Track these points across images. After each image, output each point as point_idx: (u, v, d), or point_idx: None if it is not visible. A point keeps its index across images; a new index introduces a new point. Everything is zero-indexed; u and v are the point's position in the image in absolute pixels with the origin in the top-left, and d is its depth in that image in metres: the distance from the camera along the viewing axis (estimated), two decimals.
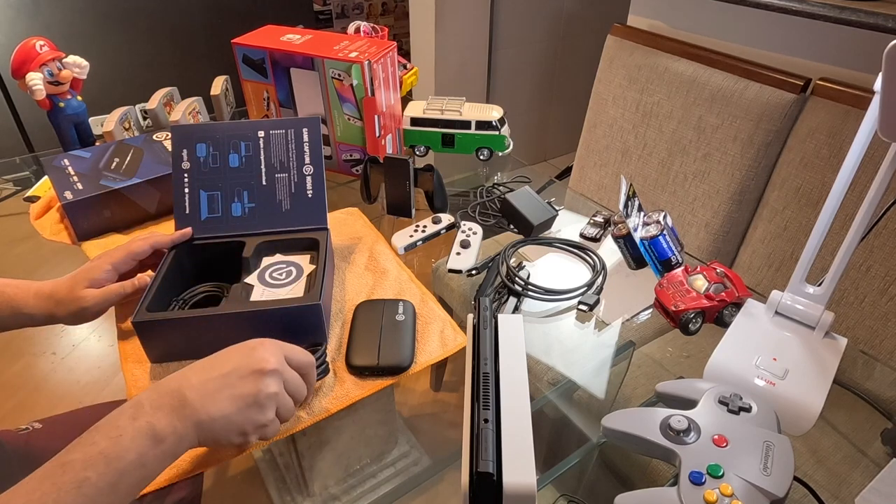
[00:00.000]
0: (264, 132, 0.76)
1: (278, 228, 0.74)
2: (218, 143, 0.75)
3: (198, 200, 0.74)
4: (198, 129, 0.76)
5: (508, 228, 0.92)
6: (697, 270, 0.74)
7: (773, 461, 0.49)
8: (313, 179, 0.76)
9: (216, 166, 0.75)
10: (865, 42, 1.07)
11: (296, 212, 0.75)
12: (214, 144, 0.75)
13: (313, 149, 0.77)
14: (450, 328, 0.71)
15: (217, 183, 0.75)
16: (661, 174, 1.31)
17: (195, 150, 0.75)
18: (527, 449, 0.46)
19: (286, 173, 0.76)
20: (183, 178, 0.74)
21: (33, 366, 0.71)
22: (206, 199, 0.74)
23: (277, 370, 0.50)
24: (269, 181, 0.75)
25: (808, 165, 1.06)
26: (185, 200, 0.74)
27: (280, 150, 0.76)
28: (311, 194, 0.76)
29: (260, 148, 0.76)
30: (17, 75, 0.98)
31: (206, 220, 0.74)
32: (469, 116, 1.05)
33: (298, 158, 0.76)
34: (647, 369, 0.78)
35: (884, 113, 0.52)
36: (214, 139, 0.75)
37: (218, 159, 0.75)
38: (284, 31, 1.01)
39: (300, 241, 0.74)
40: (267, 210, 0.75)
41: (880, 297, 0.97)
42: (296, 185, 0.76)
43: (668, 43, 1.27)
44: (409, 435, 0.65)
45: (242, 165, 0.75)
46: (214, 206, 0.74)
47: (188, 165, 0.74)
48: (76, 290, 0.63)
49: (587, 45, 2.51)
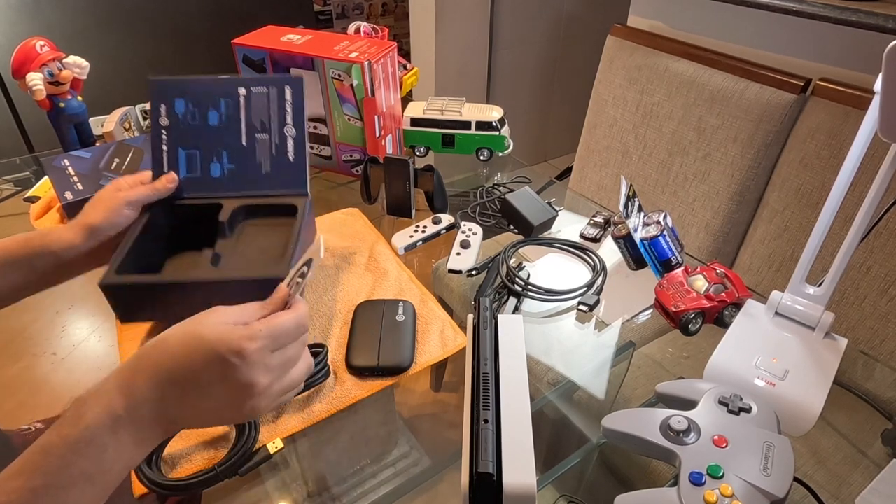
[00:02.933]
0: (245, 89, 0.72)
1: (257, 192, 0.72)
2: (197, 100, 0.72)
3: (176, 159, 0.71)
4: (176, 83, 0.72)
5: (508, 229, 0.92)
6: (697, 271, 0.74)
7: (773, 462, 0.49)
8: (295, 142, 0.73)
9: (195, 123, 0.72)
10: (865, 42, 1.07)
11: (276, 175, 0.73)
12: (194, 101, 0.71)
13: (296, 110, 0.73)
14: (450, 328, 0.71)
15: (196, 141, 0.72)
16: (661, 174, 1.31)
17: (173, 105, 0.71)
18: (527, 449, 0.46)
19: (267, 134, 0.73)
20: (161, 134, 0.71)
21: (33, 366, 0.71)
22: (184, 158, 0.71)
23: (265, 386, 0.45)
24: (250, 142, 0.72)
25: (808, 166, 1.06)
26: (164, 158, 0.71)
27: (261, 109, 0.73)
28: (292, 158, 0.73)
29: (241, 106, 0.72)
30: (18, 75, 0.98)
31: (185, 179, 0.71)
32: (469, 117, 1.05)
33: (280, 119, 0.73)
34: (647, 370, 0.78)
35: (884, 113, 0.52)
36: (194, 95, 0.71)
37: (197, 116, 0.72)
38: (285, 31, 1.01)
39: (279, 206, 0.72)
40: (246, 172, 0.72)
41: (880, 297, 0.97)
42: (276, 147, 0.73)
43: (668, 43, 1.27)
44: (409, 435, 0.65)
45: (222, 124, 0.72)
46: (193, 166, 0.71)
47: (166, 122, 0.71)
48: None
49: (587, 46, 2.51)
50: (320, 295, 0.76)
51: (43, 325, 0.76)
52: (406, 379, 0.65)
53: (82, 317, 0.78)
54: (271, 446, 0.56)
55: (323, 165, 1.06)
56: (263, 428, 0.58)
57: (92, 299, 0.80)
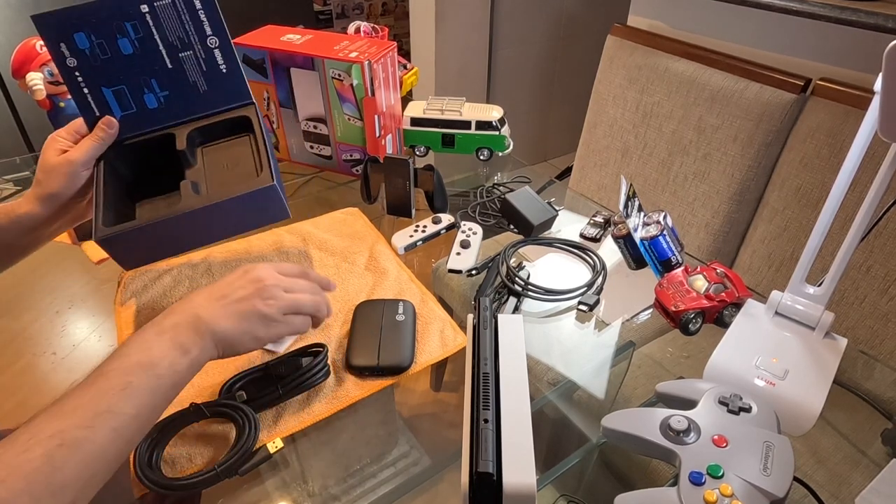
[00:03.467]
0: (147, 5, 0.66)
1: (202, 112, 0.70)
2: (98, 30, 0.65)
3: (104, 99, 0.67)
4: (67, 15, 0.64)
5: (508, 228, 0.92)
6: (697, 271, 0.74)
7: (773, 461, 0.49)
8: (222, 52, 0.69)
9: (107, 57, 0.66)
10: (865, 42, 1.07)
11: (214, 91, 0.70)
12: (95, 32, 0.65)
13: (211, 17, 0.68)
14: (450, 328, 0.71)
15: (117, 76, 0.67)
16: (661, 174, 1.31)
17: (74, 42, 0.65)
18: (527, 449, 0.46)
19: (190, 50, 0.68)
20: (75, 78, 0.66)
21: (33, 366, 0.71)
22: (112, 97, 0.67)
23: (273, 283, 0.56)
24: (175, 63, 0.68)
25: (808, 165, 1.06)
26: (90, 101, 0.67)
27: (174, 25, 0.67)
28: (224, 69, 0.70)
29: (150, 26, 0.67)
30: (18, 75, 0.98)
31: (123, 118, 0.68)
32: (469, 116, 1.05)
33: (198, 31, 0.68)
34: (647, 369, 0.78)
35: (884, 113, 0.52)
36: (92, 25, 0.65)
37: (106, 48, 0.66)
38: (284, 31, 1.01)
39: (230, 121, 0.71)
40: (183, 95, 0.69)
41: (880, 297, 0.97)
42: (205, 61, 0.69)
43: (668, 43, 1.27)
44: (409, 435, 0.65)
45: (137, 51, 0.67)
46: (125, 102, 0.68)
47: (74, 62, 0.66)
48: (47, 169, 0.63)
49: (587, 46, 2.51)
50: None
51: (43, 325, 0.76)
52: (406, 379, 0.65)
53: (82, 317, 0.78)
54: (271, 446, 0.56)
55: (323, 165, 1.06)
56: (263, 428, 0.58)
57: (92, 299, 0.80)
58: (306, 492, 0.57)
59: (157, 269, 0.79)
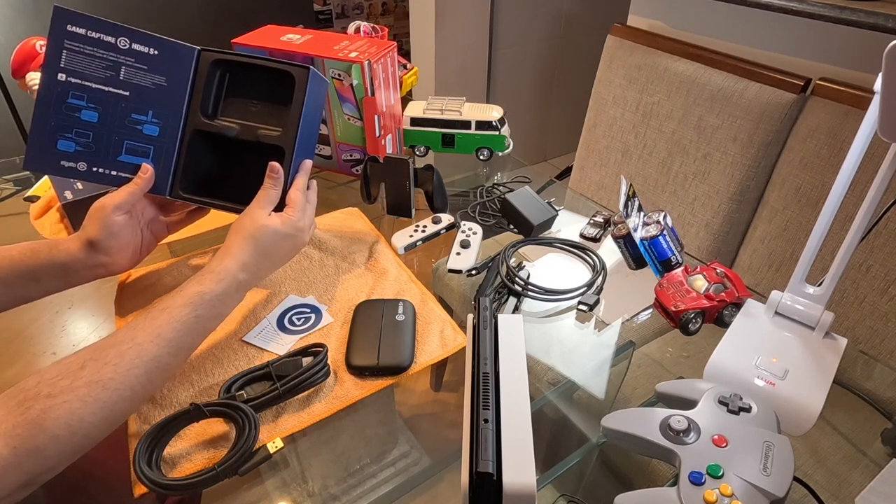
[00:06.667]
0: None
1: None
2: (93, 93, 0.67)
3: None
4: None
5: (508, 228, 0.92)
6: (697, 270, 0.74)
7: (772, 461, 0.49)
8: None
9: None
10: (865, 42, 1.07)
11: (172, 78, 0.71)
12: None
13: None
14: (450, 328, 0.71)
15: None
16: (661, 174, 1.31)
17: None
18: (527, 449, 0.46)
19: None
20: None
21: (33, 366, 0.71)
22: (125, 148, 0.69)
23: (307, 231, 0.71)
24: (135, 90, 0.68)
25: (808, 165, 1.06)
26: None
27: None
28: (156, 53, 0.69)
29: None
30: (18, 75, 0.98)
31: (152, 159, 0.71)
32: (469, 116, 1.05)
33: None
34: (647, 369, 0.78)
35: (884, 113, 0.52)
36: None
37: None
38: (284, 30, 1.01)
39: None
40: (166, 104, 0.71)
41: (880, 297, 0.97)
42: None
43: (668, 43, 1.27)
44: (409, 435, 0.65)
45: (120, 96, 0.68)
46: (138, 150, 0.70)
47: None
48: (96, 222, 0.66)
49: (587, 45, 2.51)
50: (320, 294, 0.76)
51: (43, 325, 0.76)
52: (406, 379, 0.65)
53: (82, 317, 0.78)
54: (271, 446, 0.56)
55: (323, 165, 1.06)
56: (263, 428, 0.58)
57: (92, 299, 0.80)
58: (306, 492, 0.57)
59: (157, 270, 0.79)
